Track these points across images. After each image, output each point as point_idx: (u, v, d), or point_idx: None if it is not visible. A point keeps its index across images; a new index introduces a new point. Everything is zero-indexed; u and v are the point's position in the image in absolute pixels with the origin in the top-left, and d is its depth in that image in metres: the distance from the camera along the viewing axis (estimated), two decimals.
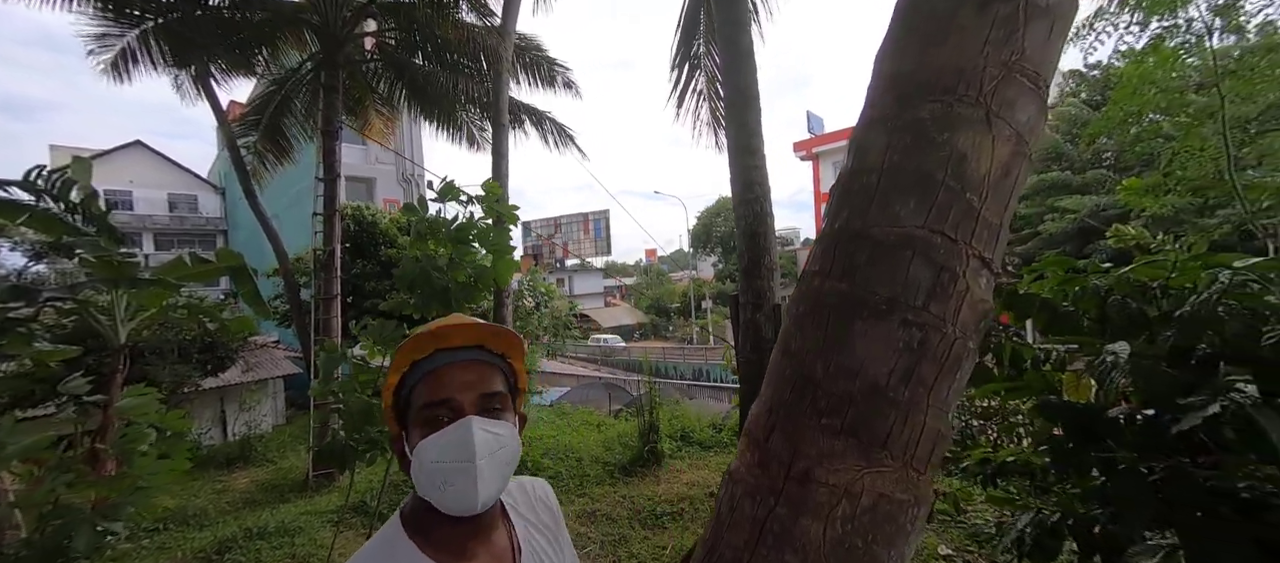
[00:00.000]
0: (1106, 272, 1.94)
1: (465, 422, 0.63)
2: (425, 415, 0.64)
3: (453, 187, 2.58)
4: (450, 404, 0.64)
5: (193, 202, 24.27)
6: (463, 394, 0.65)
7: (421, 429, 0.64)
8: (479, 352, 0.69)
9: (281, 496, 5.60)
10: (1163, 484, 1.54)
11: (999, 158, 0.71)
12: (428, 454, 0.63)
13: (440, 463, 0.62)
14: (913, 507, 0.70)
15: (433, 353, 0.67)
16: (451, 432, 0.63)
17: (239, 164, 8.38)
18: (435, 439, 0.63)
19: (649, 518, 4.02)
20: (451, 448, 0.62)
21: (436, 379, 0.65)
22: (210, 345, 8.01)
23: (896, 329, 0.70)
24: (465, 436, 0.62)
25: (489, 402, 0.67)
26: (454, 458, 0.62)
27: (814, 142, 26.15)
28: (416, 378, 0.66)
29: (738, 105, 3.05)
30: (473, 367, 0.67)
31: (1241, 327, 1.45)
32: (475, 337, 0.69)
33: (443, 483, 0.62)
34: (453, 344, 0.67)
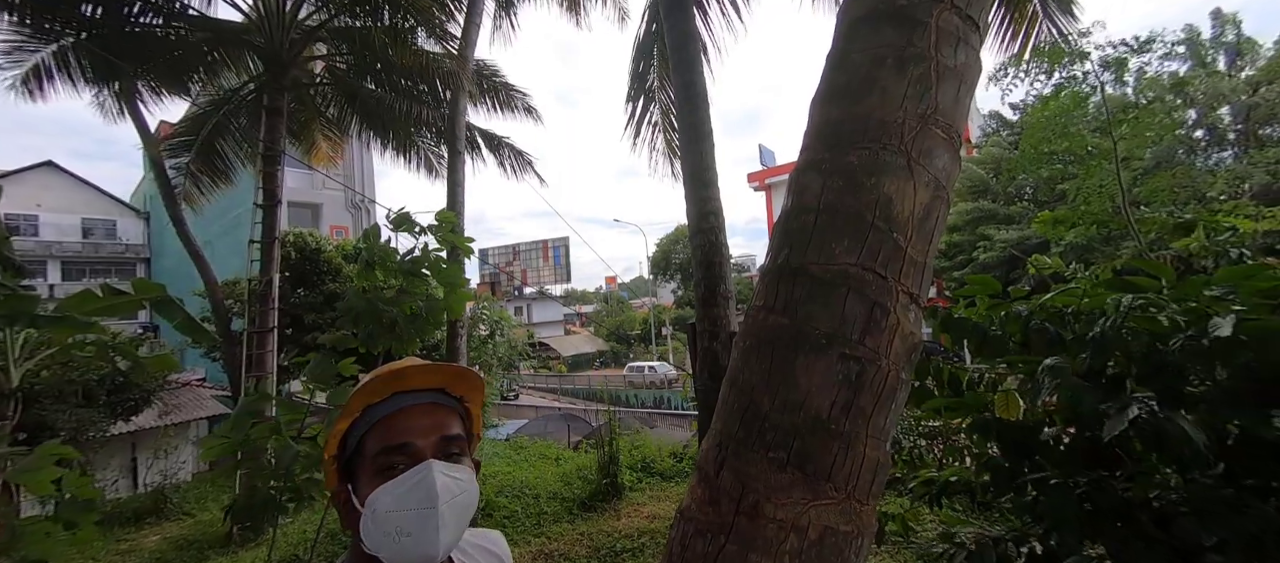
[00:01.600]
0: (1027, 298, 2.11)
1: (426, 465, 0.59)
2: (380, 462, 0.60)
3: (407, 217, 2.49)
4: (408, 449, 0.60)
5: (111, 227, 22.27)
6: (422, 439, 0.61)
7: (375, 478, 0.60)
8: (439, 395, 0.66)
9: (200, 554, 5.02)
10: (1087, 498, 1.65)
11: (920, 201, 0.76)
12: (382, 503, 0.58)
13: (397, 512, 0.58)
14: (856, 538, 0.71)
15: (390, 397, 0.63)
16: (411, 477, 0.59)
17: (166, 187, 7.80)
18: (392, 487, 0.58)
19: (608, 555, 3.89)
20: (411, 494, 0.58)
21: (393, 424, 0.62)
22: (121, 385, 7.22)
23: (835, 363, 0.72)
24: (427, 479, 0.59)
25: (448, 446, 0.63)
26: (414, 504, 0.58)
27: (767, 173, 27.40)
28: (369, 424, 0.62)
29: (692, 140, 3.16)
30: (431, 410, 0.64)
31: (1143, 347, 1.61)
32: (437, 380, 0.66)
33: (397, 534, 0.58)
34: (411, 386, 0.64)
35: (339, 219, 17.52)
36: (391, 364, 0.65)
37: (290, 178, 7.51)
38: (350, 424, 0.63)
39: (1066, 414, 1.85)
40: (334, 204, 17.79)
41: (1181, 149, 11.98)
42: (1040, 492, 1.86)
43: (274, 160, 6.40)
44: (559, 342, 33.57)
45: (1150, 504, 1.63)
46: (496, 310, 12.61)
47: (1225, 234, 2.41)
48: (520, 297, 36.15)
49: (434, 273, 2.43)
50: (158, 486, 7.28)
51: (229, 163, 8.37)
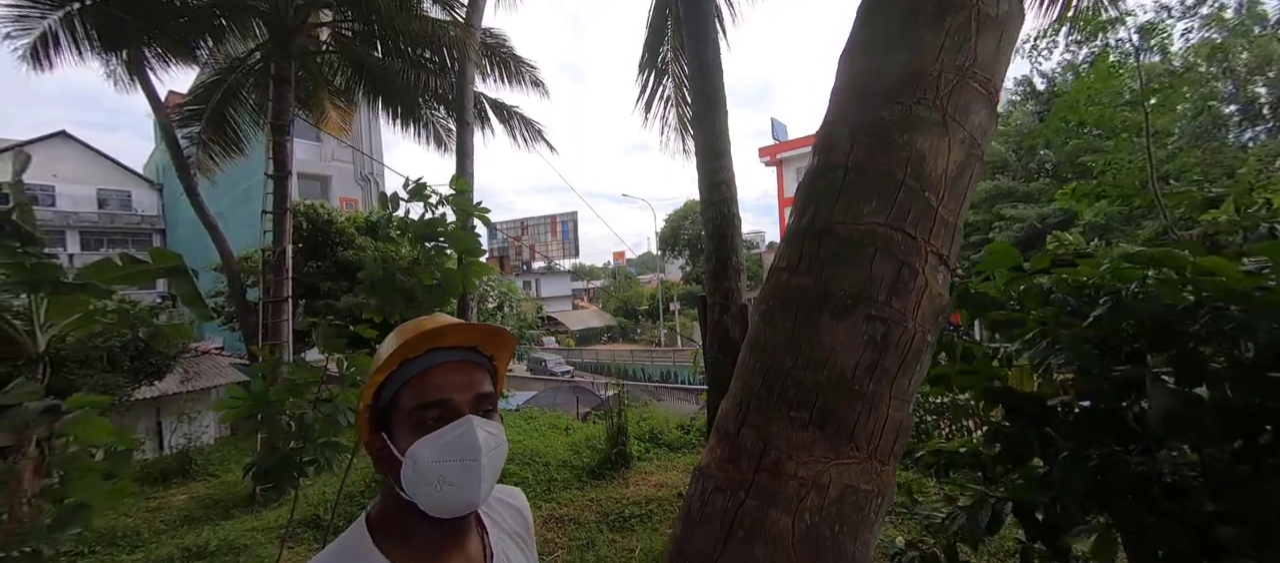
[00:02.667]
0: (1048, 271, 2.07)
1: (467, 420, 0.62)
2: (417, 417, 0.62)
3: (423, 187, 2.47)
4: (447, 405, 0.62)
5: (125, 198, 22.51)
6: (459, 394, 0.63)
7: (413, 431, 0.62)
8: (472, 353, 0.67)
9: (225, 512, 5.24)
10: (1099, 471, 1.65)
11: (954, 159, 0.74)
12: (425, 455, 0.60)
13: (440, 463, 0.60)
14: (877, 497, 0.72)
15: (425, 353, 0.64)
16: (453, 430, 0.61)
17: (178, 157, 7.83)
18: (434, 439, 0.61)
19: (617, 521, 3.99)
20: (453, 446, 0.61)
21: (429, 380, 0.63)
22: (143, 352, 7.42)
23: (861, 323, 0.72)
24: (469, 432, 0.61)
25: (483, 403, 0.65)
26: (456, 456, 0.61)
27: (778, 147, 26.87)
28: (404, 378, 0.64)
29: (705, 111, 3.09)
30: (465, 367, 0.66)
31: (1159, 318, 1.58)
32: (471, 337, 0.67)
33: (439, 483, 0.60)
34: (447, 343, 0.66)
35: (348, 191, 17.55)
36: (429, 321, 0.66)
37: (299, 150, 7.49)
38: (386, 377, 0.65)
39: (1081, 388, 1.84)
40: (343, 176, 17.80)
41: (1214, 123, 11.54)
42: (1049, 462, 1.87)
43: (283, 130, 6.38)
44: (567, 316, 33.83)
45: (1163, 478, 1.63)
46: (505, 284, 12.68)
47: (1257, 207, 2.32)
48: (528, 271, 36.31)
49: (451, 242, 2.42)
50: (182, 448, 7.55)
51: (239, 132, 8.37)
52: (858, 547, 0.70)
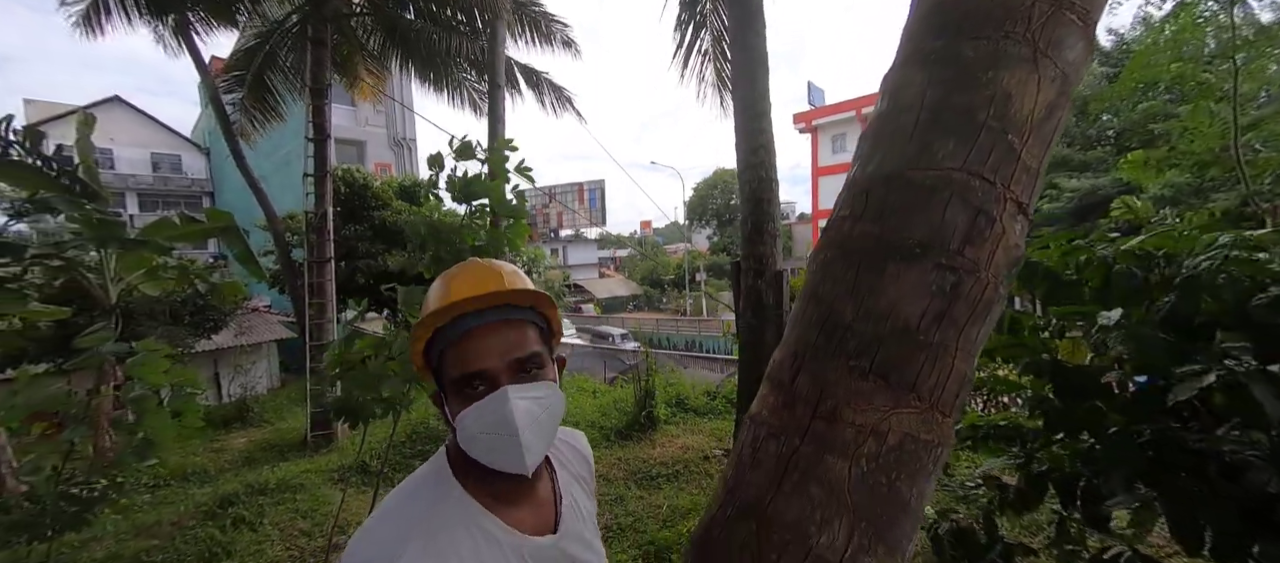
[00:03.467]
0: (1113, 240, 1.95)
1: (501, 395, 0.60)
2: (459, 387, 0.62)
3: (468, 146, 2.47)
4: (484, 376, 0.61)
5: (176, 162, 23.60)
6: (494, 362, 0.62)
7: (458, 399, 0.62)
8: (505, 311, 0.65)
9: (281, 454, 5.66)
10: (1150, 447, 1.59)
11: (1043, 98, 0.69)
12: (469, 426, 0.61)
13: (484, 434, 0.61)
14: (936, 447, 0.71)
15: (455, 320, 0.63)
16: (488, 405, 0.60)
17: (224, 121, 8.11)
18: (475, 412, 0.61)
19: (644, 479, 4.12)
20: (490, 421, 0.60)
21: (465, 349, 0.62)
22: (202, 308, 7.92)
23: (930, 272, 0.69)
24: (503, 409, 0.60)
25: (523, 365, 0.63)
26: (497, 431, 0.60)
27: (814, 113, 25.76)
28: (443, 345, 0.63)
29: (746, 67, 2.97)
30: (500, 329, 0.63)
31: (1239, 292, 1.48)
32: (497, 299, 0.64)
33: (489, 450, 0.61)
34: (477, 308, 0.63)
35: (382, 156, 17.90)
36: (452, 284, 0.64)
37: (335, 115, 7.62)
38: (426, 344, 0.65)
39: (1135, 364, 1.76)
40: (377, 141, 18.13)
41: None
42: (1097, 437, 1.81)
43: (321, 93, 6.50)
44: (593, 284, 34.16)
45: (1222, 456, 1.56)
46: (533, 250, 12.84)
47: None
48: (556, 239, 36.60)
49: (493, 204, 2.44)
50: (240, 397, 8.13)
51: (279, 98, 8.58)
52: (914, 495, 0.70)
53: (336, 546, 3.29)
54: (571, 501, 0.77)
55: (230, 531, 3.61)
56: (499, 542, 0.62)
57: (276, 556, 3.30)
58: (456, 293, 0.62)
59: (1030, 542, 2.70)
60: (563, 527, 0.71)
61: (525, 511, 0.68)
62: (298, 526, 3.69)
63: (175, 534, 3.63)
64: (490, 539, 0.62)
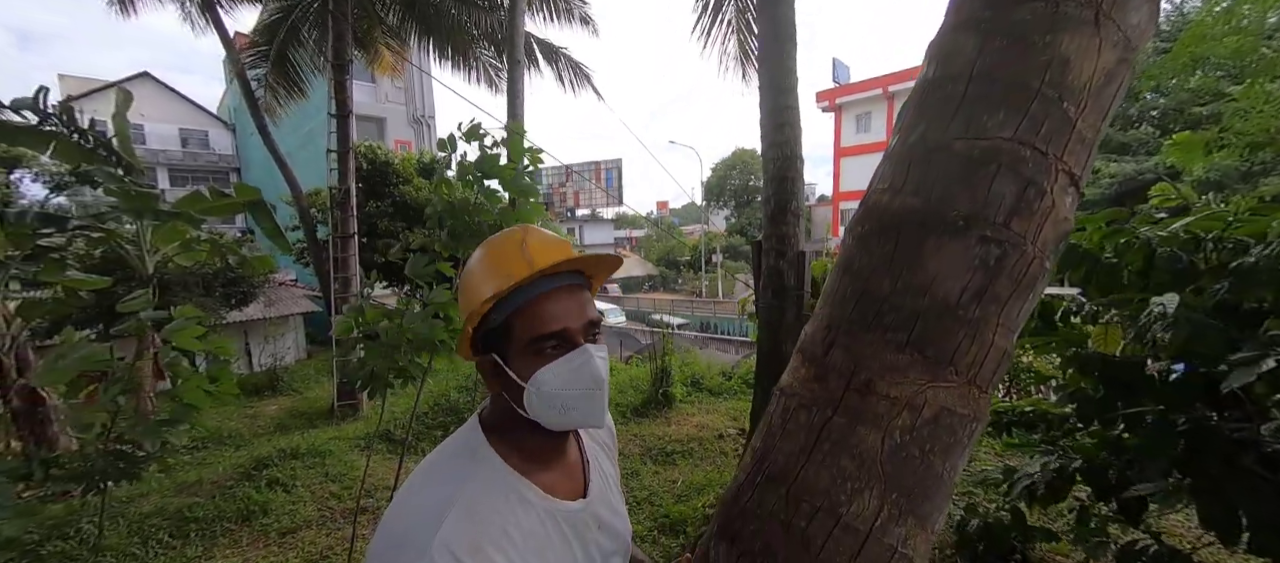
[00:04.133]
0: (1158, 222, 1.87)
1: (585, 351, 0.63)
2: (535, 346, 0.63)
3: (478, 127, 2.50)
4: (564, 335, 0.63)
5: (204, 138, 24.14)
6: (573, 323, 0.63)
7: (531, 358, 0.63)
8: (575, 276, 0.67)
9: (310, 422, 5.89)
10: (1187, 436, 1.55)
11: (1103, 65, 0.65)
12: (549, 384, 0.62)
13: (564, 391, 0.62)
14: (972, 422, 0.70)
15: (536, 279, 0.63)
16: (574, 361, 0.63)
17: (249, 96, 8.24)
18: (556, 369, 0.62)
19: (660, 455, 4.18)
20: (576, 376, 0.62)
21: (543, 309, 0.63)
22: (233, 280, 8.19)
23: (973, 246, 0.68)
24: (589, 363, 0.63)
25: (592, 329, 0.66)
26: (580, 386, 0.63)
27: (838, 91, 25.00)
28: (516, 303, 0.63)
29: (773, 39, 2.88)
30: (573, 292, 0.65)
31: None
32: (579, 265, 0.67)
33: (563, 408, 0.63)
34: (557, 271, 0.64)
35: (402, 133, 18.01)
36: (529, 239, 0.65)
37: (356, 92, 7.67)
38: (495, 302, 0.64)
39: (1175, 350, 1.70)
40: (397, 118, 18.23)
41: None
42: (1131, 427, 1.77)
43: (343, 68, 6.54)
44: None
45: (1261, 447, 1.51)
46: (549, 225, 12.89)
47: None
48: (572, 218, 36.63)
49: (504, 183, 2.46)
50: (270, 367, 8.44)
51: (301, 74, 8.66)
52: (947, 469, 0.70)
53: (364, 508, 3.44)
54: (598, 466, 0.79)
55: (265, 491, 3.79)
56: (535, 507, 0.64)
57: (309, 515, 3.47)
58: (538, 257, 0.63)
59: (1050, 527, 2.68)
60: (591, 492, 0.73)
61: (557, 476, 0.70)
62: (328, 488, 3.86)
63: (215, 492, 3.83)
64: (526, 504, 0.64)
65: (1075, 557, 2.53)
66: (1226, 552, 2.50)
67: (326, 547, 3.07)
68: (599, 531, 0.71)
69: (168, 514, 3.50)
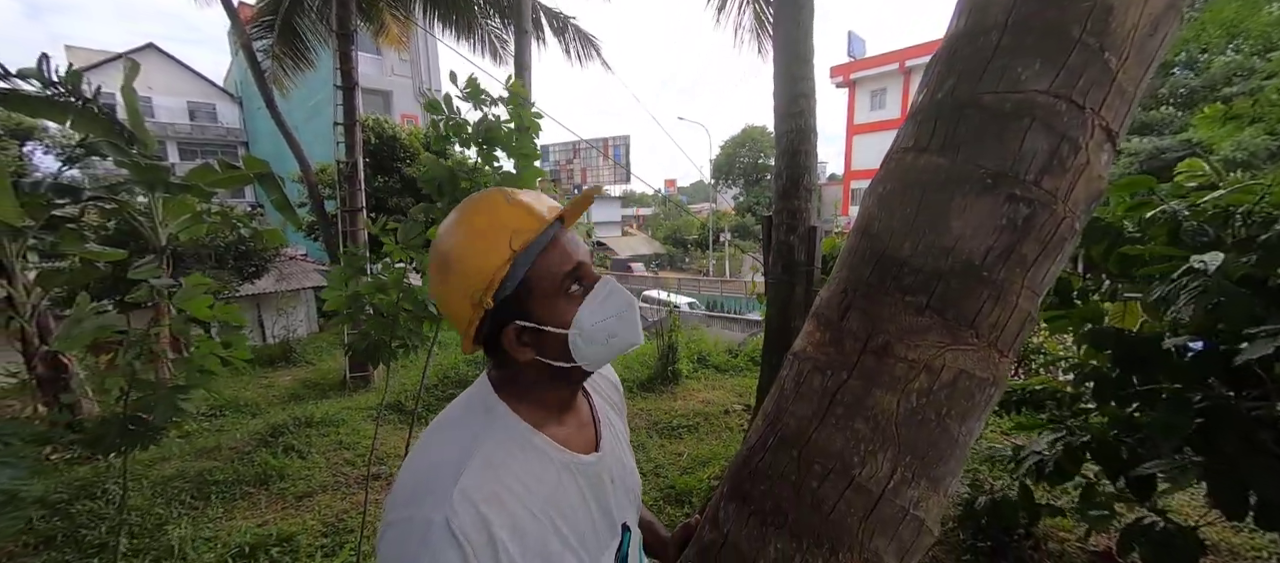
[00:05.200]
0: (1187, 194, 1.81)
1: (607, 281, 0.66)
2: (564, 287, 0.63)
3: (477, 86, 2.42)
4: (581, 270, 0.65)
5: (211, 111, 24.10)
6: (585, 256, 0.66)
7: (564, 303, 0.63)
8: (561, 224, 0.67)
9: (322, 393, 6.02)
10: (1203, 413, 1.54)
11: (1150, 12, 0.62)
12: (591, 318, 0.64)
13: (604, 320, 0.64)
14: (991, 386, 0.69)
15: (543, 231, 0.62)
16: (602, 290, 0.65)
17: (256, 69, 8.17)
18: (591, 304, 0.64)
19: (666, 429, 4.23)
20: (609, 302, 0.65)
21: (556, 251, 0.63)
22: (245, 253, 8.28)
23: (1001, 204, 0.65)
24: (617, 290, 0.66)
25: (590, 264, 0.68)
26: (616, 310, 0.65)
27: (853, 66, 24.32)
28: (529, 259, 0.61)
29: (790, 7, 2.78)
30: (567, 235, 0.67)
31: None
32: (559, 211, 0.66)
33: (608, 337, 0.65)
34: (558, 217, 0.65)
35: (408, 107, 17.86)
36: (521, 199, 0.63)
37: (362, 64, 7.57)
38: (509, 269, 0.61)
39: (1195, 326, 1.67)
40: (403, 92, 18.05)
41: None
42: (1147, 403, 1.75)
43: (348, 38, 6.44)
44: (616, 242, 34.17)
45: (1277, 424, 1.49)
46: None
47: None
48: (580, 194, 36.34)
49: (504, 146, 2.39)
50: (283, 339, 8.59)
51: (307, 44, 8.56)
52: (963, 432, 0.69)
53: (376, 475, 3.53)
54: (609, 422, 0.79)
55: (281, 456, 3.90)
56: (551, 459, 0.64)
57: (323, 480, 3.57)
58: (540, 205, 0.64)
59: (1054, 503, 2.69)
60: (603, 446, 0.73)
61: (570, 431, 0.70)
62: (341, 455, 3.96)
63: (234, 457, 3.94)
64: (542, 456, 0.64)
65: (1079, 533, 2.55)
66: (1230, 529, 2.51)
67: (342, 510, 3.17)
68: (612, 484, 0.71)
69: (189, 477, 3.62)
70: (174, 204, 5.19)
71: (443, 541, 0.52)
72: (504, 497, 0.57)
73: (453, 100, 2.42)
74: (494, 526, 0.54)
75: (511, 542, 0.55)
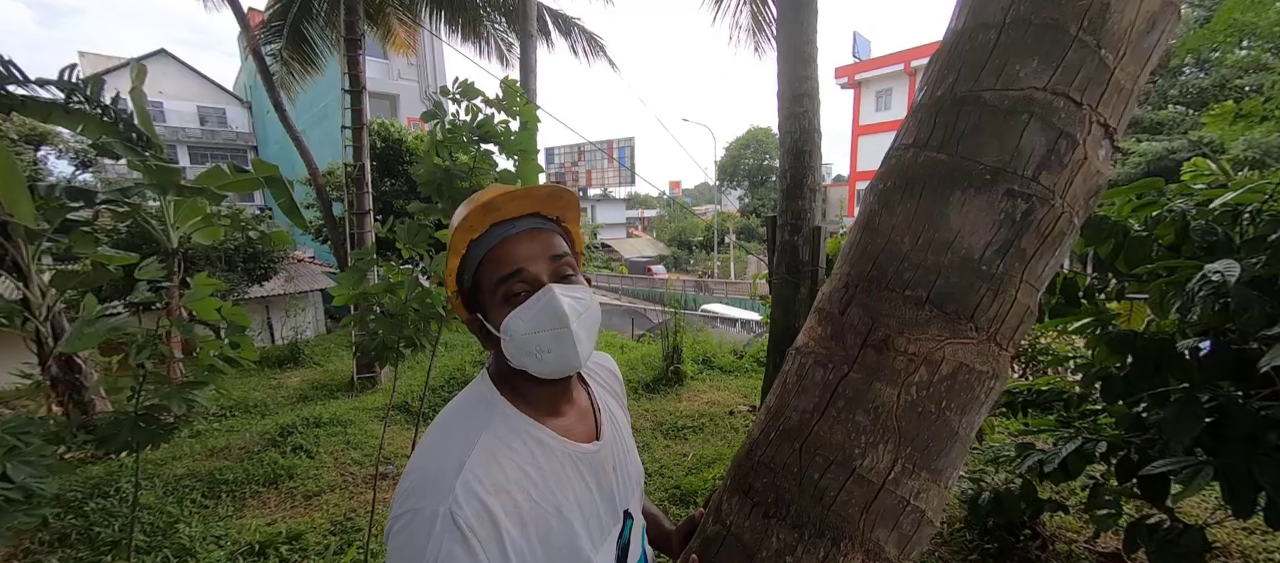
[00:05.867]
0: (1191, 195, 1.81)
1: (547, 290, 0.62)
2: (501, 292, 0.62)
3: (471, 86, 2.40)
4: (523, 276, 0.62)
5: (221, 115, 24.40)
6: (533, 264, 0.63)
7: (501, 306, 0.63)
8: (535, 220, 0.66)
9: (330, 393, 6.07)
10: (1213, 412, 1.53)
11: (1146, 9, 0.62)
12: (517, 329, 0.61)
13: (534, 334, 0.61)
14: (991, 379, 0.70)
15: (489, 229, 0.64)
16: (536, 302, 0.62)
17: (265, 73, 8.28)
18: (521, 313, 0.62)
19: (671, 430, 4.24)
20: (541, 317, 0.61)
21: (500, 254, 0.63)
22: (254, 256, 8.37)
23: (999, 200, 0.66)
24: (551, 302, 0.61)
25: (560, 266, 0.65)
26: (547, 326, 0.62)
27: (858, 67, 24.26)
28: (477, 258, 0.64)
29: (793, 6, 2.79)
30: (533, 236, 0.65)
31: None
32: (529, 205, 0.65)
33: (539, 352, 0.62)
34: (507, 216, 0.64)
35: (415, 111, 18.00)
36: (481, 195, 0.64)
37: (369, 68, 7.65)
38: (461, 260, 0.65)
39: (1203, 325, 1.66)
40: (410, 96, 18.20)
41: None
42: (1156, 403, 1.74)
43: (355, 43, 6.52)
44: (621, 244, 34.22)
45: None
46: None
47: None
48: (585, 197, 36.54)
49: (502, 144, 2.38)
50: (291, 340, 8.66)
51: (315, 49, 8.66)
52: (963, 425, 0.70)
53: (383, 474, 3.56)
54: (609, 412, 0.80)
55: (290, 456, 3.94)
56: (552, 449, 0.65)
57: (331, 480, 3.60)
58: (482, 200, 0.63)
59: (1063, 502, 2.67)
60: (604, 435, 0.74)
61: (570, 421, 0.71)
62: (349, 455, 3.99)
63: (243, 457, 3.99)
64: (543, 447, 0.65)
65: (1086, 533, 2.53)
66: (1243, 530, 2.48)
67: (350, 509, 3.20)
68: (614, 472, 0.72)
69: (199, 476, 3.67)
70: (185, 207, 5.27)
71: (449, 532, 0.53)
72: (507, 487, 0.58)
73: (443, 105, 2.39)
74: (498, 515, 0.55)
75: (516, 531, 0.56)
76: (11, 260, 4.10)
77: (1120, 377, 1.70)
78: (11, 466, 1.60)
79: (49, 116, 3.45)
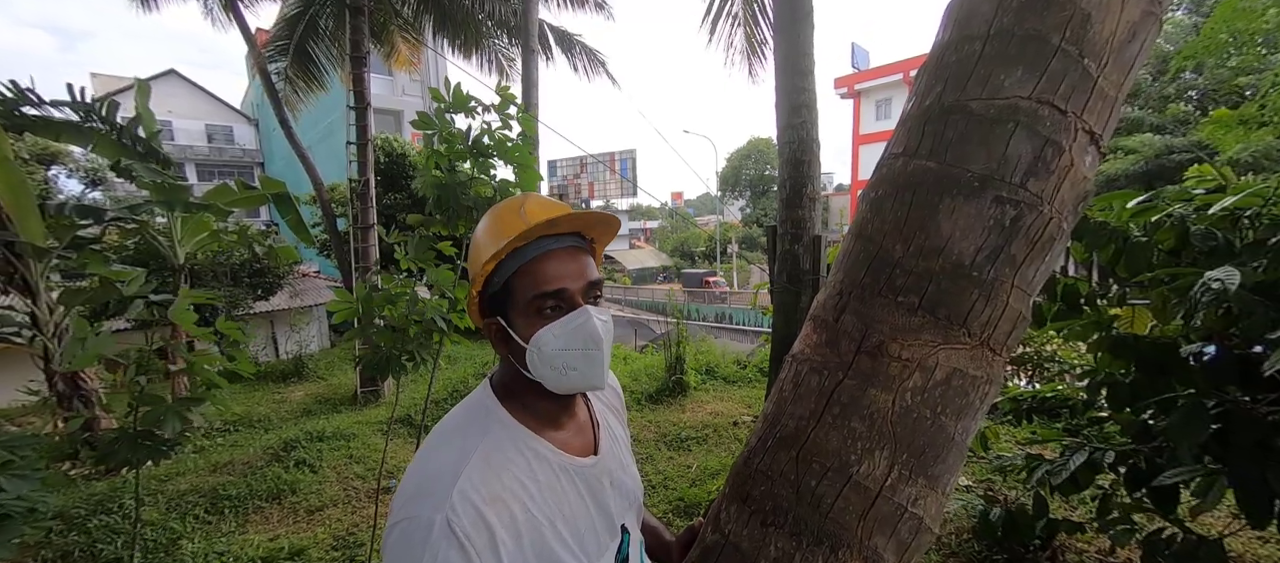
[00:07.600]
0: (1191, 200, 1.81)
1: (585, 312, 0.63)
2: (535, 305, 0.63)
3: (464, 95, 2.40)
4: (563, 295, 0.63)
5: (228, 133, 24.76)
6: (573, 284, 0.64)
7: (532, 318, 0.64)
8: (577, 239, 0.67)
9: (334, 407, 6.07)
10: (1220, 418, 1.52)
11: (1127, 18, 0.64)
12: (549, 343, 0.63)
13: (565, 351, 0.63)
14: (985, 384, 0.70)
15: (536, 240, 0.64)
16: (573, 321, 0.63)
17: (271, 91, 8.42)
18: (556, 329, 0.63)
19: (674, 441, 4.21)
20: (575, 336, 0.63)
21: (543, 270, 0.63)
22: (259, 271, 8.43)
23: (988, 207, 0.67)
24: (588, 324, 0.63)
25: (594, 291, 0.66)
26: (579, 345, 0.63)
27: (857, 77, 24.45)
28: (517, 265, 0.64)
29: (789, 20, 2.83)
30: (575, 254, 0.66)
31: None
32: (577, 224, 0.67)
33: (564, 368, 0.63)
34: (557, 231, 0.65)
35: None
36: (536, 209, 0.65)
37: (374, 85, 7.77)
38: (496, 265, 0.65)
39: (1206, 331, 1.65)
40: (413, 111, 18.44)
41: None
42: (1162, 410, 1.73)
43: (361, 61, 6.63)
44: (623, 255, 34.29)
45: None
46: None
47: None
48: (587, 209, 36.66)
49: (500, 153, 2.39)
50: (295, 355, 8.69)
51: (320, 67, 8.82)
52: (959, 430, 0.70)
53: (386, 488, 3.55)
54: (608, 427, 0.80)
55: (293, 471, 3.93)
56: (549, 462, 0.66)
57: (334, 494, 3.59)
58: (534, 216, 0.64)
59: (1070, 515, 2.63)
60: (602, 450, 0.74)
61: (569, 435, 0.71)
62: (352, 470, 3.98)
63: (247, 472, 3.99)
64: (541, 459, 0.65)
65: (1098, 542, 2.49)
66: (1257, 540, 2.43)
67: (352, 524, 3.18)
68: (611, 487, 0.73)
69: (203, 492, 3.66)
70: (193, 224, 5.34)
71: (444, 540, 0.53)
72: (504, 497, 0.58)
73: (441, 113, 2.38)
74: (494, 525, 0.56)
75: (511, 541, 0.57)
76: (20, 278, 4.15)
77: (1125, 383, 1.69)
78: (4, 479, 1.60)
79: (60, 136, 3.53)
